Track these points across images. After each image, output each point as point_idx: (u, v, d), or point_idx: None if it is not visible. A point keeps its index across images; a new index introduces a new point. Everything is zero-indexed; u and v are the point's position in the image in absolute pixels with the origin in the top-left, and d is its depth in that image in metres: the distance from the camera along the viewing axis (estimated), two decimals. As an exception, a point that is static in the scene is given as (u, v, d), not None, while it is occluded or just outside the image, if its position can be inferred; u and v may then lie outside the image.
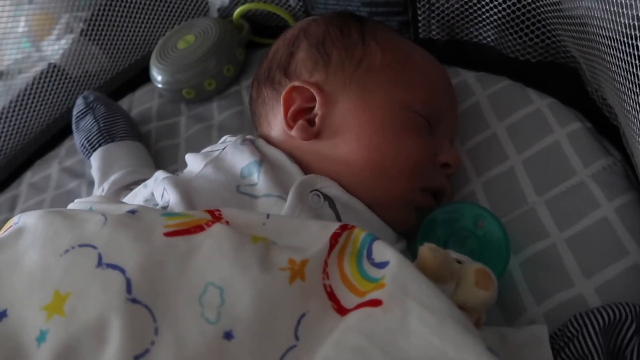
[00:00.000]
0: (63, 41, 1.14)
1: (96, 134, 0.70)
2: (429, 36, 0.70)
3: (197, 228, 0.38)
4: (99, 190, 0.64)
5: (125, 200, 0.55)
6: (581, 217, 0.49)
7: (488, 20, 0.64)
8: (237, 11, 0.79)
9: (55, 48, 1.09)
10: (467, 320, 0.34)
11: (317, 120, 0.51)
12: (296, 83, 0.51)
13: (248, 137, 0.54)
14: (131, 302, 0.33)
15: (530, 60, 0.62)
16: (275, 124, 0.54)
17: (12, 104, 0.82)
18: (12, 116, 0.82)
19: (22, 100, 0.83)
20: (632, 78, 0.43)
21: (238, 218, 0.41)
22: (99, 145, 0.69)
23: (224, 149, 0.53)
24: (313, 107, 0.51)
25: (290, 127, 0.51)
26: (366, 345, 0.33)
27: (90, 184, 0.73)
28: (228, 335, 0.33)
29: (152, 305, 0.33)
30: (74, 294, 0.34)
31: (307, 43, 0.54)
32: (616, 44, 0.45)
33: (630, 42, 0.42)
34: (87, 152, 0.70)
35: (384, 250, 0.38)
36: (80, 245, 0.36)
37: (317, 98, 0.51)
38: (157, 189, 0.50)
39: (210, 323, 0.33)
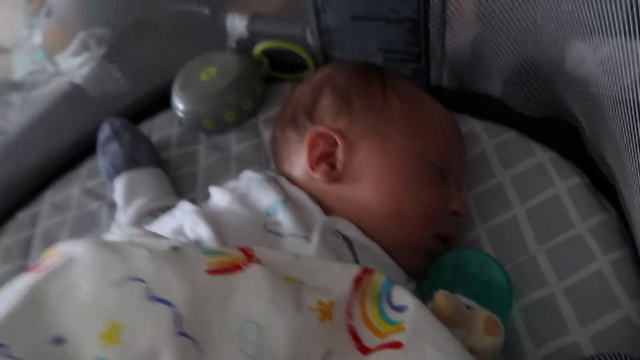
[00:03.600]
0: (80, 59, 1.18)
1: (121, 159, 0.73)
2: (439, 84, 0.74)
3: (236, 267, 0.41)
4: (122, 215, 0.68)
5: (151, 227, 0.59)
6: (578, 268, 0.53)
7: (496, 75, 0.69)
8: (259, 48, 0.83)
9: (72, 65, 1.13)
10: (478, 365, 0.38)
11: (338, 165, 0.54)
12: (321, 129, 0.55)
13: (271, 174, 0.58)
14: (180, 335, 0.36)
15: (535, 116, 0.66)
16: (298, 164, 0.58)
17: (36, 122, 0.85)
18: (36, 133, 0.85)
19: (46, 118, 0.86)
20: (633, 139, 0.46)
21: (269, 257, 0.44)
22: (123, 171, 0.73)
23: (249, 185, 0.56)
24: (335, 152, 0.55)
25: (314, 170, 0.55)
26: (389, 383, 0.36)
27: (111, 206, 0.76)
28: (265, 370, 0.36)
29: (198, 338, 0.37)
30: (128, 325, 0.37)
31: (332, 91, 0.58)
32: (617, 106, 0.49)
33: (630, 104, 0.46)
34: (111, 176, 0.74)
35: (402, 296, 0.42)
36: (130, 279, 0.39)
37: (340, 144, 0.55)
38: (187, 222, 0.53)
39: (249, 357, 0.36)
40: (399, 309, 0.42)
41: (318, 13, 0.76)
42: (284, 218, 0.52)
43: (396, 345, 0.39)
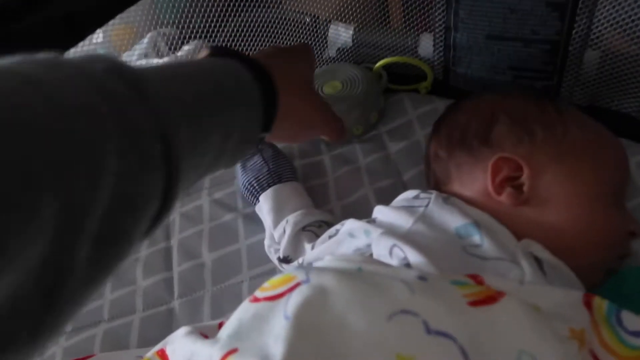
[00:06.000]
0: (159, 61, 1.18)
1: (266, 175, 0.75)
2: (570, 101, 0.77)
3: (491, 299, 0.44)
4: (279, 231, 0.69)
5: (325, 246, 0.61)
6: None
7: (632, 93, 0.72)
8: (380, 63, 0.85)
9: (146, 65, 1.13)
10: None
11: (525, 189, 0.57)
12: (505, 154, 0.58)
13: (444, 195, 0.60)
14: (469, 368, 0.39)
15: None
16: (473, 186, 0.60)
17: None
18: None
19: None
20: None
21: (496, 283, 0.47)
22: (268, 186, 0.74)
23: (427, 205, 0.59)
24: (518, 177, 0.58)
25: (498, 193, 0.57)
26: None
27: (246, 217, 0.78)
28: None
29: None
30: (417, 358, 0.39)
31: (508, 118, 0.60)
32: None
33: None
34: (255, 192, 0.75)
35: (635, 320, 0.45)
36: (402, 312, 0.42)
37: (525, 170, 0.57)
38: (382, 244, 0.55)
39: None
40: (636, 334, 0.45)
41: (448, 30, 0.78)
42: (482, 241, 0.54)
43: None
